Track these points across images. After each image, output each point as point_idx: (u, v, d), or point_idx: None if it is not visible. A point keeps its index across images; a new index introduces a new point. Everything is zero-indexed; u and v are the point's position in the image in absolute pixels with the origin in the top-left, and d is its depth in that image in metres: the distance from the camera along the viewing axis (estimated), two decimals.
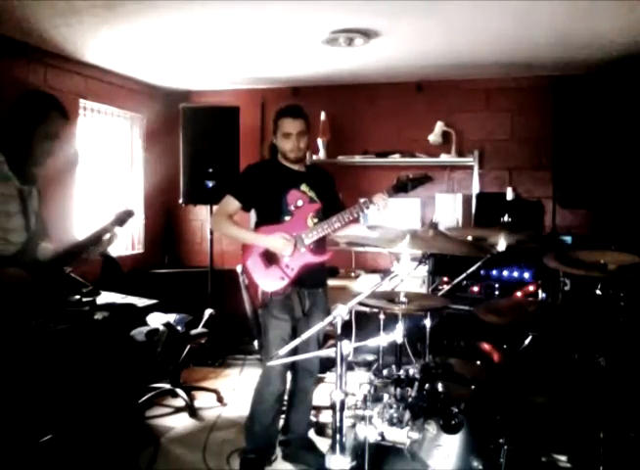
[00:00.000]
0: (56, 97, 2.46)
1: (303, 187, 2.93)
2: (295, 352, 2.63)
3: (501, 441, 2.00)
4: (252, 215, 3.08)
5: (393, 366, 2.46)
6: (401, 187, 2.85)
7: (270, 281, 2.85)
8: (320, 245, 2.93)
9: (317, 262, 2.92)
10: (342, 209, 2.90)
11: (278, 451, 3.14)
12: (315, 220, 2.91)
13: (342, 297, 4.06)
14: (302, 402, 3.13)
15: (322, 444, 3.15)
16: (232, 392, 3.99)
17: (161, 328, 3.73)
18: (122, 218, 2.53)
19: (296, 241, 2.82)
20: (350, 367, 3.98)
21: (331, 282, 3.21)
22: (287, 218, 2.88)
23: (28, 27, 3.51)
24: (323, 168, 3.21)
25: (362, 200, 2.88)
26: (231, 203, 2.91)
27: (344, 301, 1.77)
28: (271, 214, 2.90)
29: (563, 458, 2.00)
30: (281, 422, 3.16)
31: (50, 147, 2.39)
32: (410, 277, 2.10)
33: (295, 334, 2.85)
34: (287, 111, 2.91)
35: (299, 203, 2.90)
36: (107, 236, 2.48)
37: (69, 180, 4.33)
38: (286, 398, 3.15)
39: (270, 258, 2.84)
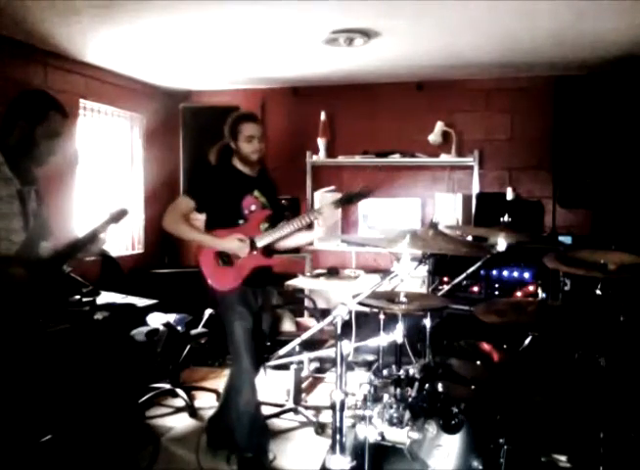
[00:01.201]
0: (52, 95, 2.47)
1: (256, 193, 3.03)
2: (254, 348, 2.89)
3: (501, 441, 1.99)
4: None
5: (393, 366, 2.46)
6: (347, 200, 3.03)
7: (223, 280, 2.94)
8: (269, 249, 3.05)
9: (267, 264, 3.05)
10: (285, 215, 3.12)
11: (277, 451, 3.14)
12: (266, 225, 3.03)
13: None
14: None
15: (322, 444, 3.15)
16: None
17: (161, 328, 3.73)
18: (116, 217, 2.55)
19: (250, 243, 2.92)
20: (350, 367, 3.98)
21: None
22: (241, 222, 2.98)
23: (28, 27, 3.51)
24: (269, 176, 3.27)
25: (311, 209, 3.02)
26: (186, 203, 2.98)
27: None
28: (227, 219, 2.99)
29: (563, 458, 2.00)
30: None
31: (53, 146, 2.41)
32: (410, 277, 2.09)
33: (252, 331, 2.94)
34: (247, 116, 3.08)
35: (253, 207, 3.01)
36: (102, 235, 2.50)
37: (70, 180, 4.33)
38: None
39: (224, 258, 2.93)
